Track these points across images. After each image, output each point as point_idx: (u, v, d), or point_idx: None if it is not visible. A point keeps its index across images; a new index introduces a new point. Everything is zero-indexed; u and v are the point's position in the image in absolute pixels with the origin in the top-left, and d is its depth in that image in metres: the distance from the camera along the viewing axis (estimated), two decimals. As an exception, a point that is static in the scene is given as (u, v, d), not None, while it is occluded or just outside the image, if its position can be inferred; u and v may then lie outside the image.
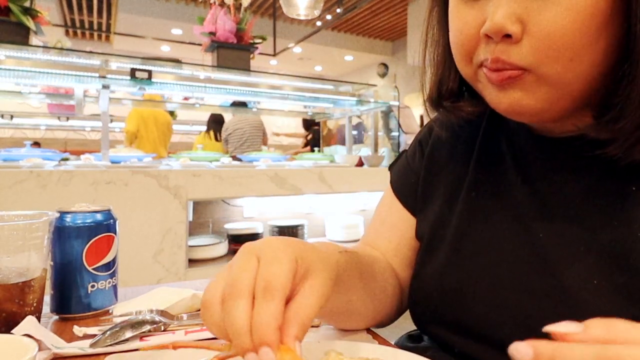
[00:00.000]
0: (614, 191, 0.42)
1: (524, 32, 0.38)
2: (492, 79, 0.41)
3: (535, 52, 0.38)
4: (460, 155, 0.56)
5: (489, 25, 0.38)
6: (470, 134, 0.56)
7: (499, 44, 0.39)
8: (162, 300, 0.60)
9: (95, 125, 5.46)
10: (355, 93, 2.86)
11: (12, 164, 1.75)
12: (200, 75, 2.52)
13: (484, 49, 0.41)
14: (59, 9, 6.49)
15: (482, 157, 0.53)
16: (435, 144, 0.59)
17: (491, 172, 0.51)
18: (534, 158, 0.48)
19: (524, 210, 0.47)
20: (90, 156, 2.10)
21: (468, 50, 0.42)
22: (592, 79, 0.39)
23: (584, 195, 0.43)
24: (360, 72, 9.34)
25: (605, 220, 0.41)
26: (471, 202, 0.51)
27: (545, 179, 0.47)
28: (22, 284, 0.52)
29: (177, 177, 1.85)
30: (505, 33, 0.38)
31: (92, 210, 0.61)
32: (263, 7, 6.79)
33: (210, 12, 2.48)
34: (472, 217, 0.51)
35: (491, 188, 0.50)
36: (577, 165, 0.45)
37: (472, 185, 0.52)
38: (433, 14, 0.51)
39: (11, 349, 0.39)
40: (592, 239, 0.41)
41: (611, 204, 0.41)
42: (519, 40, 0.38)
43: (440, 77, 0.51)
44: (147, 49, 7.09)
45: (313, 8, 2.83)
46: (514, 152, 0.50)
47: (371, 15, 7.12)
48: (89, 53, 2.25)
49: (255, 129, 4.33)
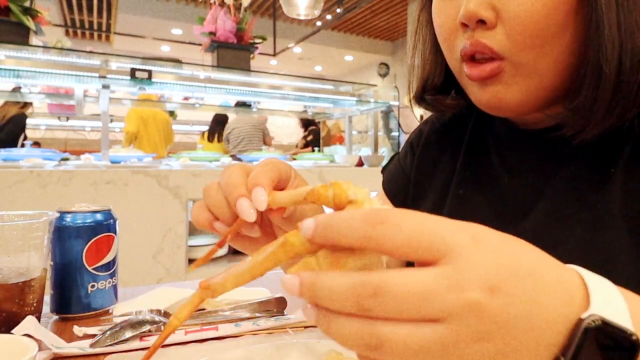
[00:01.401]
0: (594, 176, 0.43)
1: (497, 19, 0.40)
2: (474, 76, 0.42)
3: (509, 37, 0.40)
4: (448, 155, 0.57)
5: (463, 12, 0.40)
6: (459, 134, 0.57)
7: (476, 31, 0.41)
8: (162, 300, 0.60)
9: (95, 125, 5.47)
10: (355, 93, 2.86)
11: (12, 164, 1.75)
12: (200, 75, 2.53)
13: (462, 37, 0.43)
14: (59, 9, 6.49)
15: (469, 156, 0.54)
16: (426, 145, 0.60)
17: (478, 169, 0.52)
18: (518, 152, 0.49)
19: (510, 205, 0.48)
20: (90, 156, 2.10)
21: (451, 43, 0.44)
22: (564, 68, 0.41)
23: (566, 184, 0.44)
24: (360, 72, 9.34)
25: (586, 205, 0.42)
26: (459, 199, 0.52)
27: (529, 171, 0.48)
28: (22, 284, 0.52)
29: (177, 177, 1.85)
30: (479, 18, 0.40)
31: (92, 210, 0.61)
32: (263, 7, 6.80)
33: (210, 12, 2.48)
34: (460, 214, 0.51)
35: (478, 185, 0.51)
36: (559, 155, 0.46)
37: (459, 183, 0.53)
38: (422, 14, 0.53)
39: (11, 349, 0.39)
40: (574, 228, 0.42)
41: (592, 188, 0.43)
42: (494, 26, 0.40)
43: (427, 74, 0.53)
44: (147, 49, 7.09)
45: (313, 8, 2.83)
46: (498, 148, 0.52)
47: (371, 15, 7.12)
48: (89, 53, 2.25)
49: (254, 128, 4.32)
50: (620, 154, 0.42)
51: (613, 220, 0.40)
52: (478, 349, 0.22)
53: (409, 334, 0.22)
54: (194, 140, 6.27)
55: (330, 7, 6.04)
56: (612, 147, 0.42)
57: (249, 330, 0.55)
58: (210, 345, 0.52)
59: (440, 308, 0.21)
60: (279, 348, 0.46)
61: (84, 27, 7.38)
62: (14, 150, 2.04)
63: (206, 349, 0.51)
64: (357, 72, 9.46)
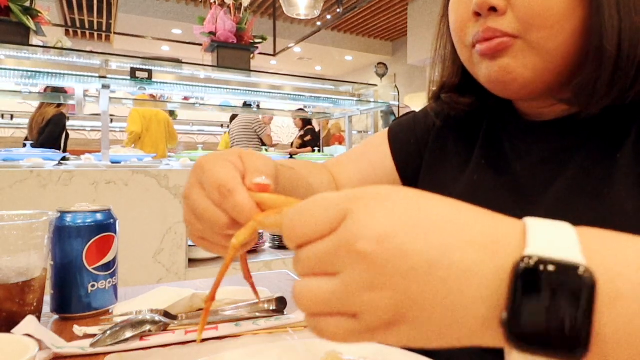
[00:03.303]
0: (600, 165, 0.44)
1: (508, 5, 0.42)
2: (484, 50, 0.44)
3: (519, 20, 0.42)
4: (462, 146, 0.58)
5: (476, 1, 0.43)
6: (474, 127, 0.58)
7: (488, 18, 0.43)
8: (162, 300, 0.60)
9: (95, 125, 5.47)
10: (355, 93, 2.86)
11: (12, 164, 1.75)
12: (200, 75, 2.52)
13: (474, 26, 0.45)
14: (59, 9, 6.49)
15: (485, 147, 0.56)
16: (446, 126, 0.61)
17: (492, 158, 0.54)
18: (527, 143, 0.51)
19: (521, 192, 0.49)
20: (91, 156, 2.10)
21: (464, 32, 0.47)
22: (571, 52, 0.43)
23: (575, 173, 0.45)
24: (359, 72, 9.34)
25: (594, 194, 0.43)
26: (473, 184, 0.54)
27: (539, 161, 0.49)
28: (22, 284, 0.52)
29: (177, 177, 1.85)
30: (491, 5, 0.42)
31: (92, 210, 0.61)
32: (263, 7, 6.79)
33: (210, 12, 2.48)
34: (474, 198, 0.52)
35: (492, 172, 0.53)
36: (567, 146, 0.47)
37: (474, 170, 0.55)
38: (442, 21, 0.56)
39: (11, 348, 0.39)
40: (583, 214, 0.43)
41: (599, 177, 0.43)
42: (505, 13, 0.43)
43: (446, 75, 0.56)
44: (147, 49, 7.08)
45: (313, 8, 2.83)
46: (510, 139, 0.53)
47: (371, 15, 7.12)
48: (89, 53, 2.25)
49: (243, 128, 4.32)
50: (626, 139, 0.43)
51: (621, 206, 0.41)
52: (374, 297, 0.23)
53: (314, 286, 0.25)
54: (194, 140, 6.27)
55: (330, 7, 6.04)
56: (617, 135, 0.43)
57: (249, 330, 0.55)
58: (210, 345, 0.52)
59: (333, 263, 0.24)
60: (279, 348, 0.46)
61: (84, 27, 7.37)
62: (14, 150, 2.04)
63: (206, 349, 0.51)
64: (357, 72, 9.46)
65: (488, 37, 0.43)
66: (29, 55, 2.03)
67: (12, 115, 5.29)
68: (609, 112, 0.43)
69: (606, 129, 0.44)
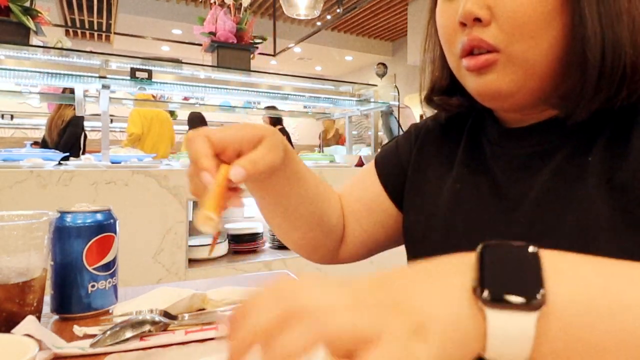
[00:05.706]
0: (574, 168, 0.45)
1: (492, 17, 0.44)
2: (471, 66, 0.46)
3: (502, 31, 0.44)
4: (446, 154, 0.59)
5: (461, 12, 0.45)
6: (457, 133, 0.60)
7: (473, 29, 0.45)
8: (162, 300, 0.60)
9: (95, 125, 5.46)
10: (355, 93, 2.86)
11: (12, 164, 1.75)
12: (200, 75, 2.52)
13: (461, 35, 0.47)
14: (59, 9, 6.49)
15: (466, 154, 0.57)
16: (426, 140, 0.63)
17: (474, 166, 0.55)
18: (508, 149, 0.52)
19: (503, 199, 0.49)
20: (91, 156, 2.10)
21: (451, 42, 0.49)
22: (553, 59, 0.44)
23: (553, 177, 0.46)
24: (360, 72, 9.34)
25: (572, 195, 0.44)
26: (455, 193, 0.54)
27: (519, 167, 0.49)
28: (22, 284, 0.52)
29: (177, 177, 1.85)
30: (475, 17, 0.44)
31: (92, 210, 0.61)
32: (263, 7, 6.79)
33: (210, 12, 2.48)
34: (457, 207, 0.54)
35: (473, 180, 0.53)
36: (544, 151, 0.48)
37: (456, 179, 0.55)
38: (430, 25, 0.57)
39: (11, 348, 0.39)
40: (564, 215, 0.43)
41: (575, 178, 0.44)
42: (489, 23, 0.44)
43: (435, 77, 0.58)
44: (147, 49, 7.08)
45: (313, 8, 2.83)
46: (491, 146, 0.54)
47: (371, 15, 7.12)
48: (89, 53, 2.25)
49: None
50: (599, 138, 0.44)
51: (593, 204, 0.42)
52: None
53: None
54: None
55: (330, 7, 6.04)
56: (592, 135, 0.45)
57: (249, 330, 0.55)
58: (210, 345, 0.52)
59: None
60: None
61: (84, 27, 7.37)
62: (14, 150, 2.04)
63: (206, 349, 0.51)
64: (357, 72, 9.46)
65: (475, 45, 0.45)
66: (29, 55, 2.03)
67: (12, 115, 5.29)
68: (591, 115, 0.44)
69: (583, 130, 0.45)
